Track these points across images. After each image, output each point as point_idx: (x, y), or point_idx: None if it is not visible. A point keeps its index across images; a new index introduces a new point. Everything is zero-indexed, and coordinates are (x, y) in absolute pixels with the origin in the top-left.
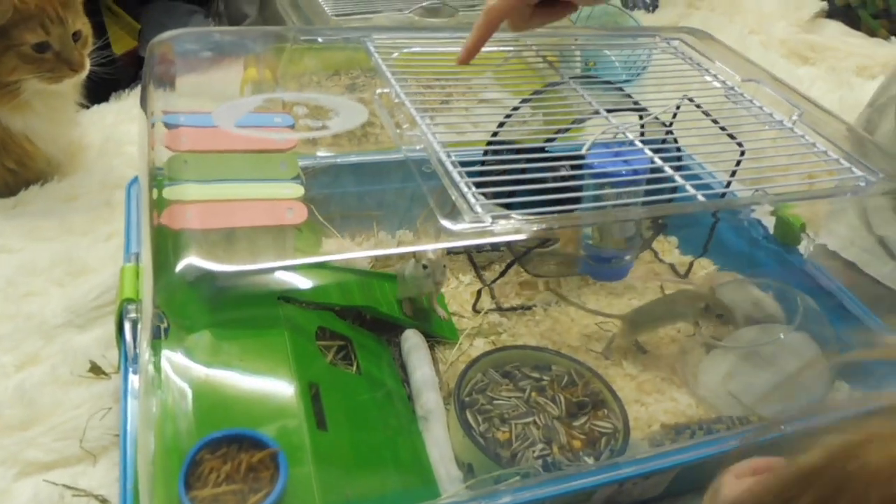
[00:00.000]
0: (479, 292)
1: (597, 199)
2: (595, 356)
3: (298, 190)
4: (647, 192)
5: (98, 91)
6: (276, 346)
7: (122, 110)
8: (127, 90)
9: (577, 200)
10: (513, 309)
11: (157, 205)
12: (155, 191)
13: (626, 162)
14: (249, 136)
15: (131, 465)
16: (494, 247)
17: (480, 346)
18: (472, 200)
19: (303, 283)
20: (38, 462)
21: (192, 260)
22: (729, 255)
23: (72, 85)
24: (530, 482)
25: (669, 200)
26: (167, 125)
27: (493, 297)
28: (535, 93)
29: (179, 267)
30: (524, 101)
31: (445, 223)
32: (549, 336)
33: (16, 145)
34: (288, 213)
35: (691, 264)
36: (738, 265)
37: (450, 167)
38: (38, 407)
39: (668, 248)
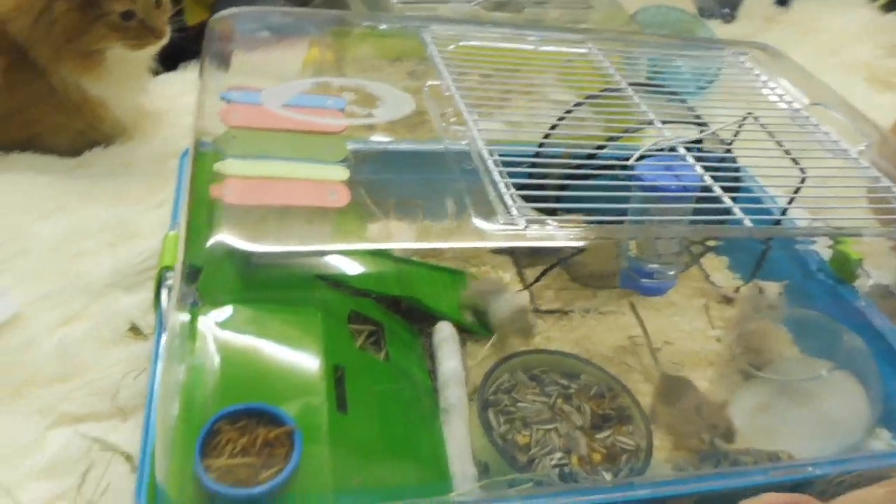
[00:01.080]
0: (519, 292)
1: (642, 212)
2: (627, 369)
3: (343, 173)
4: (696, 211)
5: (167, 60)
6: (308, 325)
7: (187, 81)
8: (195, 61)
9: (621, 212)
10: (550, 312)
11: (199, 176)
12: (199, 163)
13: (676, 177)
14: (300, 117)
15: (154, 427)
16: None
17: (513, 345)
18: (510, 202)
19: (339, 266)
20: (72, 414)
21: (223, 237)
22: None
23: (150, 51)
24: (543, 490)
25: (720, 222)
26: (223, 100)
27: (531, 298)
28: (591, 96)
29: (210, 242)
30: (578, 104)
31: (478, 222)
32: (583, 344)
33: (89, 109)
34: (331, 196)
35: (738, 290)
36: (788, 294)
37: (491, 165)
38: (78, 362)
39: (718, 266)
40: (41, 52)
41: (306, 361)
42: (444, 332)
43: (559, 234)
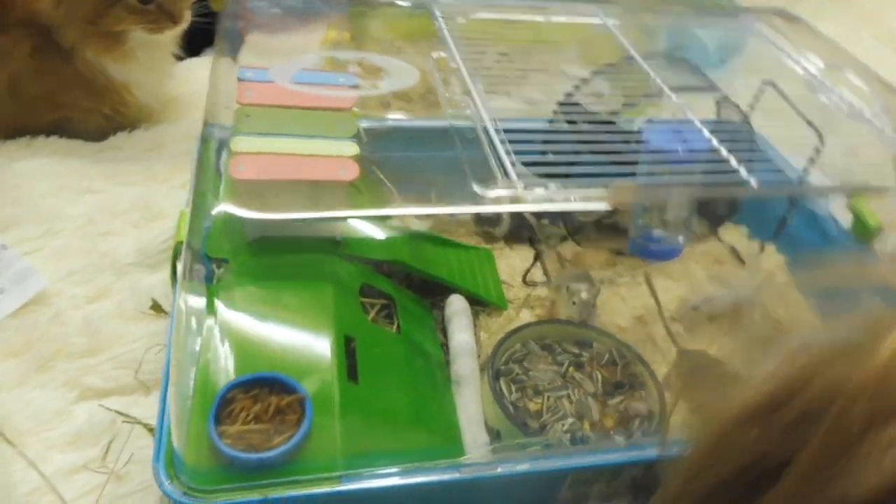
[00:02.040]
0: (531, 265)
1: (650, 177)
2: (641, 339)
3: (353, 148)
4: (706, 175)
5: (191, 45)
6: (319, 298)
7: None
8: None
9: (628, 177)
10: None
11: (206, 152)
12: (211, 140)
13: (684, 141)
14: (311, 94)
15: (171, 397)
16: (553, 220)
17: (526, 317)
18: (509, 167)
19: (349, 238)
20: (97, 388)
21: (226, 206)
22: (798, 248)
23: (172, 36)
24: (554, 451)
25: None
26: (238, 79)
27: (545, 270)
28: (600, 70)
29: (214, 210)
30: (595, 72)
31: (476, 188)
32: (598, 315)
33: (114, 93)
34: (340, 171)
35: (761, 249)
36: (810, 259)
37: (492, 133)
38: (103, 337)
39: (737, 237)
40: (66, 35)
41: (317, 333)
42: (457, 305)
43: (557, 197)
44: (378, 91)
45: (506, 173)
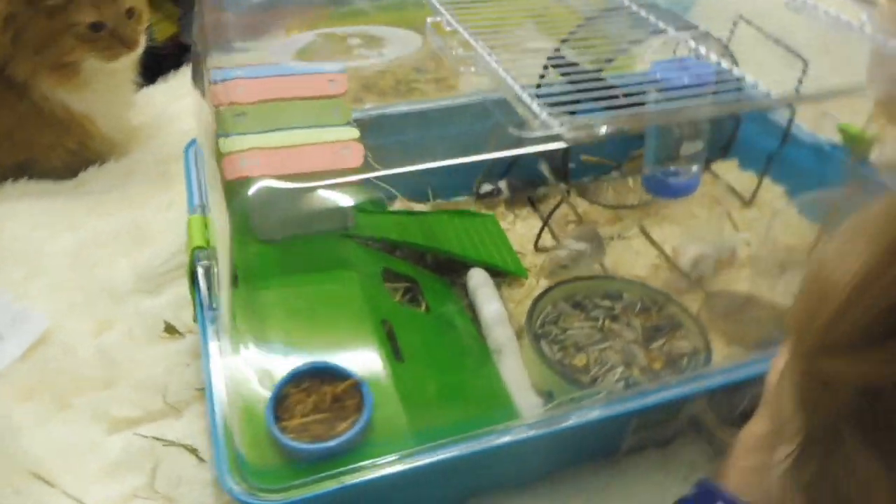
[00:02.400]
0: (540, 230)
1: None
2: (665, 283)
3: (353, 132)
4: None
5: (144, 76)
6: (346, 285)
7: (170, 90)
8: (173, 73)
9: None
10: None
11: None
12: (220, 144)
13: (691, 74)
14: (299, 85)
15: (218, 406)
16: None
17: (546, 284)
18: (538, 110)
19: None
20: (126, 418)
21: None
22: (795, 175)
23: (129, 63)
24: (619, 395)
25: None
26: (221, 79)
27: (553, 234)
28: (588, 20)
29: (252, 191)
30: (580, 26)
31: (515, 131)
32: (615, 270)
33: (77, 126)
34: (344, 152)
35: (758, 186)
36: (807, 185)
37: (511, 82)
38: (119, 366)
39: (729, 168)
40: (17, 69)
41: (354, 319)
42: (478, 278)
43: (594, 126)
44: (383, 59)
45: (535, 115)
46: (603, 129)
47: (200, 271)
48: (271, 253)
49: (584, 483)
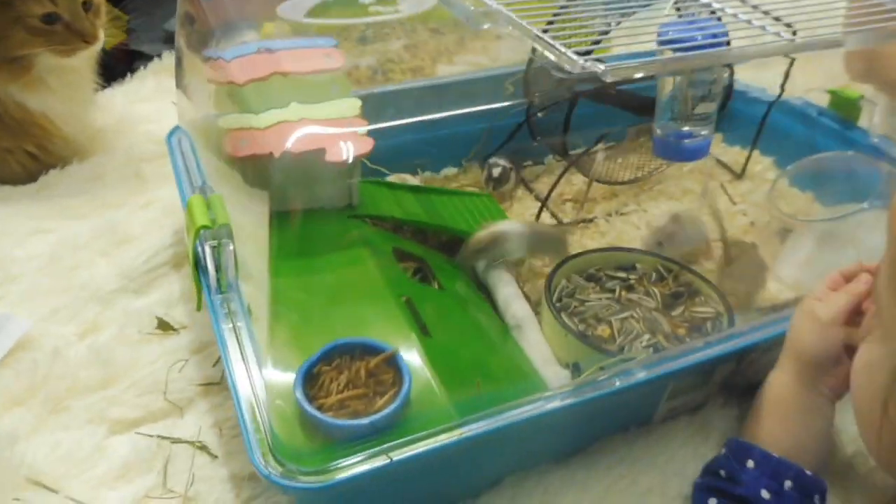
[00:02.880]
0: (539, 209)
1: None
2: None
3: (355, 104)
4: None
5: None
6: (360, 263)
7: (131, 92)
8: (129, 76)
9: None
10: (574, 223)
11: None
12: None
13: (701, 30)
14: (297, 61)
15: (243, 391)
16: (538, 160)
17: (548, 261)
18: (573, 56)
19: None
20: (126, 419)
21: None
22: (783, 144)
23: (86, 61)
24: (656, 359)
25: None
26: (212, 57)
27: (551, 213)
28: None
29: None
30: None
31: (557, 73)
32: (618, 245)
33: (35, 126)
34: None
35: (747, 161)
36: (797, 153)
37: (536, 31)
38: (114, 366)
39: (714, 145)
40: None
41: (375, 297)
42: None
43: (637, 68)
44: (400, 15)
45: (573, 60)
46: (639, 74)
47: (209, 251)
48: (281, 234)
49: (621, 453)
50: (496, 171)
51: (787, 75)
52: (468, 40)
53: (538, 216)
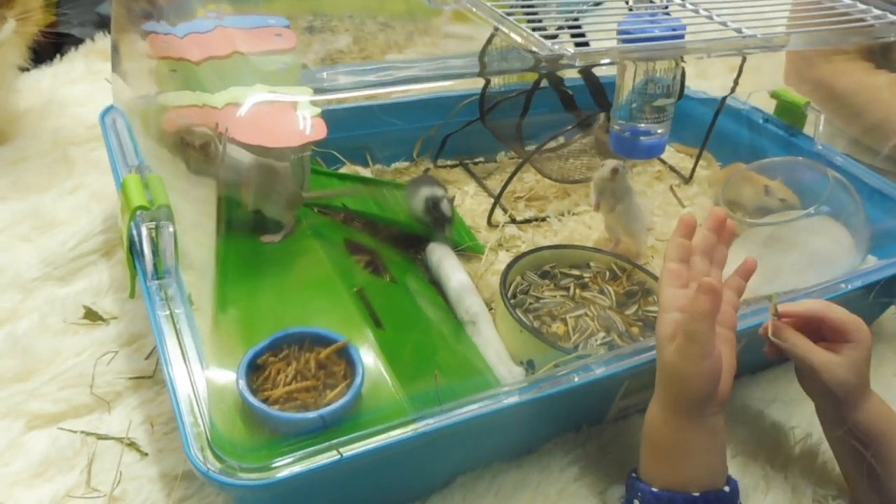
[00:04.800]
0: (492, 206)
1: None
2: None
3: (306, 90)
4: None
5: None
6: (310, 252)
7: (59, 74)
8: (58, 57)
9: None
10: (527, 221)
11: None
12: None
13: (669, 28)
14: (247, 40)
15: (179, 384)
16: (489, 157)
17: (504, 258)
18: (542, 39)
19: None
20: (47, 413)
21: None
22: (730, 148)
23: (9, 46)
24: (611, 356)
25: None
26: (151, 32)
27: (504, 210)
28: None
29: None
30: None
31: (536, 50)
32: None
33: None
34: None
35: (695, 164)
36: (743, 158)
37: (502, 14)
38: (35, 356)
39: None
40: None
41: (327, 287)
42: (441, 251)
43: (604, 53)
44: None
45: (542, 43)
46: (606, 60)
47: (145, 232)
48: (227, 220)
49: (575, 454)
50: (445, 208)
51: (740, 70)
52: (417, 35)
53: (491, 213)
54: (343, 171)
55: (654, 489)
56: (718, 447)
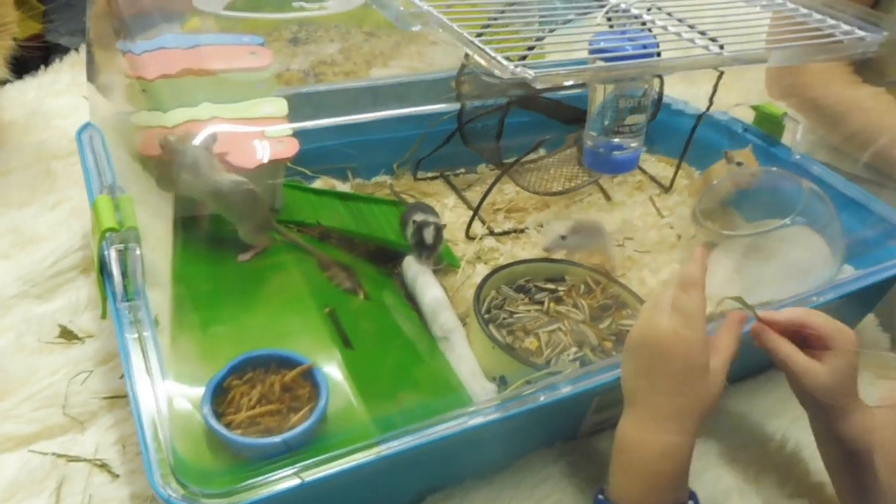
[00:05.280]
0: (471, 219)
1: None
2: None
3: (281, 103)
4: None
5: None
6: (282, 271)
7: (44, 85)
8: (43, 67)
9: None
10: (506, 233)
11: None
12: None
13: (641, 45)
14: (217, 57)
15: (143, 407)
16: (470, 169)
17: (482, 271)
18: (504, 62)
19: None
20: (18, 435)
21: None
22: (710, 158)
23: None
24: (582, 372)
25: None
26: (127, 52)
27: (483, 221)
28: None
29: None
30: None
31: (488, 78)
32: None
33: None
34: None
35: (675, 174)
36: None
37: (468, 36)
38: (9, 376)
39: (642, 160)
40: None
41: (296, 306)
42: (416, 266)
43: (565, 75)
44: (327, 12)
45: (504, 66)
46: (569, 81)
47: (114, 255)
48: (188, 239)
49: (548, 471)
50: (428, 234)
51: (715, 87)
52: (403, 45)
53: (469, 225)
54: (318, 185)
55: None
56: (687, 462)
